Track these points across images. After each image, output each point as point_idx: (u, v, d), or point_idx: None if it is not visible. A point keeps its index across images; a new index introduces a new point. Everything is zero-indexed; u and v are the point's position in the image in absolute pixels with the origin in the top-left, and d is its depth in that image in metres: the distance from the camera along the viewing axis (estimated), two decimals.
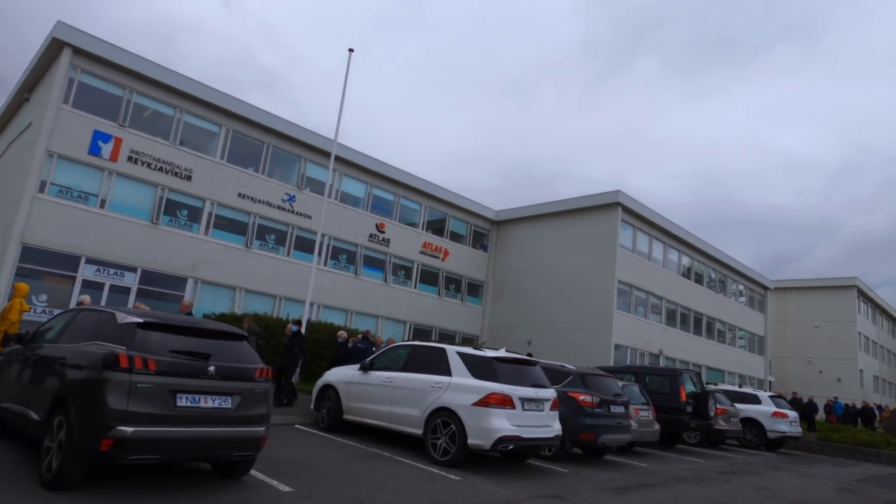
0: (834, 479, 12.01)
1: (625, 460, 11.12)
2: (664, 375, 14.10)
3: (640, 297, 27.64)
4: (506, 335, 28.24)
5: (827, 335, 43.24)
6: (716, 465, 12.10)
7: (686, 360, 30.33)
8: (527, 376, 8.59)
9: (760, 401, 16.99)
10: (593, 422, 9.65)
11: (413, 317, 26.42)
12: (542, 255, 28.32)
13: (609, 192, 26.23)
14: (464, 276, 29.14)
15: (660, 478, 9.44)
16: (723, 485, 9.48)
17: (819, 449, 18.78)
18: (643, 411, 12.15)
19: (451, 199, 28.43)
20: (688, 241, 30.84)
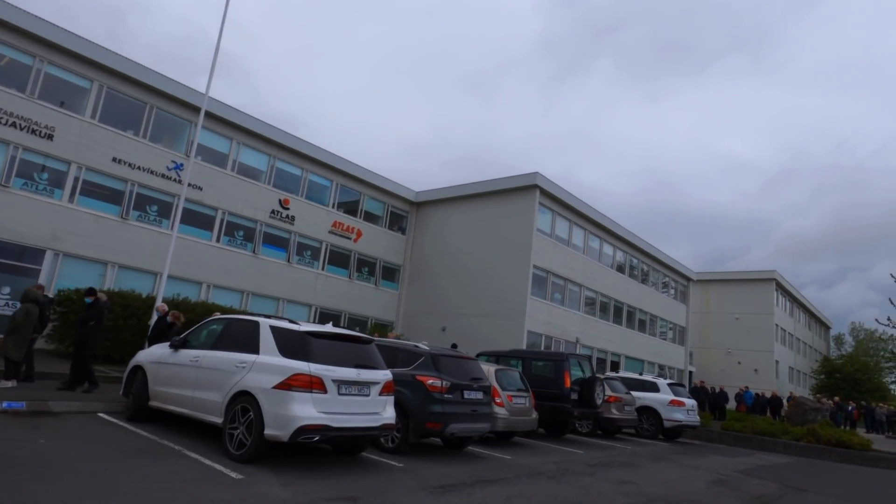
0: (716, 470, 11.32)
1: (490, 452, 10.04)
2: (550, 360, 13.14)
3: (558, 283, 26.94)
4: (422, 322, 27.11)
5: (746, 327, 44.15)
6: (593, 456, 11.21)
7: (605, 349, 29.98)
8: (351, 356, 7.29)
9: (659, 389, 16.37)
10: (441, 409, 8.46)
11: (320, 300, 24.85)
12: (460, 238, 27.22)
13: (527, 174, 25.33)
14: (379, 259, 27.72)
15: (512, 472, 8.36)
16: (582, 479, 8.49)
17: (719, 438, 18.44)
18: (519, 398, 11.11)
19: (367, 177, 26.92)
20: (610, 229, 30.40)
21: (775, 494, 9.30)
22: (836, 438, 17.16)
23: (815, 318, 58.86)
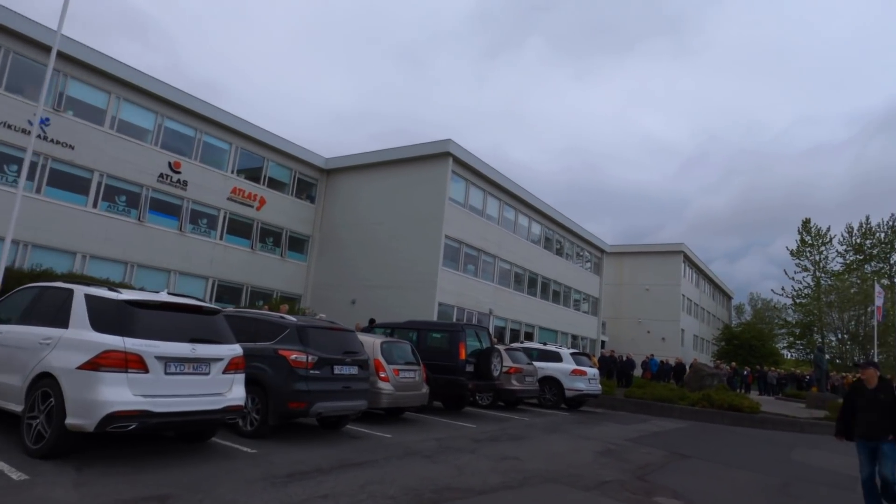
0: (608, 439, 11.14)
1: (371, 431, 9.29)
2: (445, 332, 12.53)
3: (472, 254, 26.49)
4: (332, 294, 26.00)
5: (655, 297, 45.87)
6: (484, 430, 10.73)
7: (519, 321, 30.03)
8: (187, 329, 6.25)
9: (562, 358, 16.24)
10: (306, 387, 7.58)
11: (218, 273, 23.17)
12: (371, 207, 26.13)
13: (439, 142, 24.48)
14: (285, 229, 26.21)
15: (385, 453, 7.64)
16: (461, 457, 7.90)
17: (621, 405, 18.68)
18: (407, 372, 10.40)
19: (271, 141, 25.19)
20: (526, 200, 30.20)
21: (659, 463, 9.13)
22: (729, 402, 17.74)
23: (718, 289, 62.27)
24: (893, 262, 51.32)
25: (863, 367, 6.80)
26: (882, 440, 6.38)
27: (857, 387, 6.88)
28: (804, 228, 53.78)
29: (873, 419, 6.49)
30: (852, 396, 6.87)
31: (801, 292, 53.01)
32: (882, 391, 6.57)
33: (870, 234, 51.85)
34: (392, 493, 5.74)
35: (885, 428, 6.38)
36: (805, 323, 52.62)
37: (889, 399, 6.47)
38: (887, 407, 6.42)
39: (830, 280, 51.57)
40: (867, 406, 6.58)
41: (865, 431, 6.55)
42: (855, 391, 6.87)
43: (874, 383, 6.66)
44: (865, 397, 6.63)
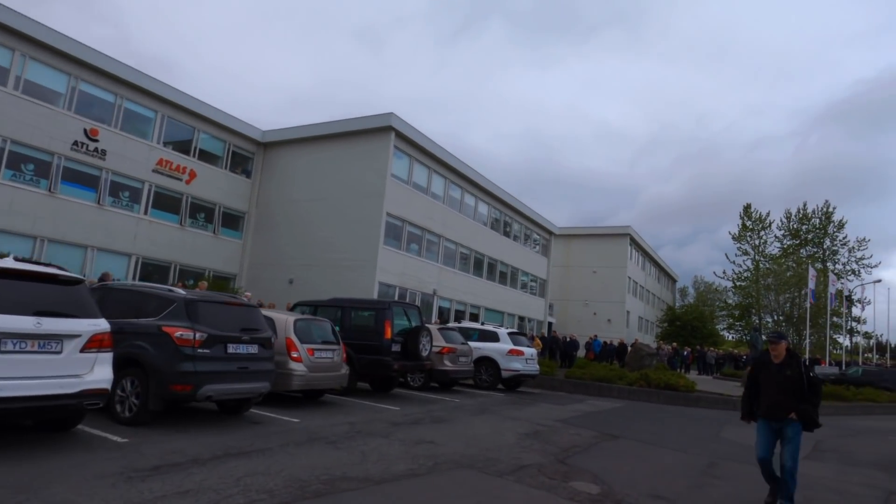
0: (538, 420, 10.73)
1: (278, 416, 8.54)
2: (370, 310, 11.81)
3: (415, 233, 25.78)
4: (269, 274, 24.88)
5: (602, 279, 46.36)
6: (407, 413, 10.13)
7: (464, 302, 29.59)
8: (33, 301, 5.33)
9: (499, 338, 15.79)
10: (192, 367, 6.76)
11: (142, 249, 21.71)
12: (311, 183, 25.03)
13: (381, 115, 23.54)
14: (218, 205, 24.83)
15: (283, 440, 6.94)
16: (371, 442, 7.26)
17: (560, 386, 18.47)
18: (324, 352, 9.66)
19: (202, 110, 23.69)
20: (473, 179, 29.61)
21: (586, 444, 8.74)
22: (665, 382, 17.74)
23: (664, 272, 63.66)
24: (826, 246, 53.46)
25: (774, 341, 5.93)
26: (785, 421, 5.68)
27: (762, 361, 6.02)
28: (745, 213, 55.26)
29: (778, 397, 5.73)
30: (757, 372, 6.04)
31: (741, 275, 54.62)
32: (788, 366, 5.76)
33: (806, 220, 53.78)
34: (271, 486, 5.03)
35: (790, 407, 5.64)
36: (744, 305, 54.31)
37: (795, 375, 5.69)
38: (793, 383, 5.67)
39: (768, 263, 53.31)
40: (772, 382, 5.81)
41: (768, 410, 5.80)
42: (760, 366, 6.02)
43: (782, 357, 5.86)
44: (771, 373, 5.84)
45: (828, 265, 49.17)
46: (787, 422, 5.69)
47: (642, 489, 6.34)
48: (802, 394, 5.64)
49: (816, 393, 5.69)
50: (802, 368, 5.70)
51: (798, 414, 5.61)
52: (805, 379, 5.67)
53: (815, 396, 5.69)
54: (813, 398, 5.67)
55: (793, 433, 5.64)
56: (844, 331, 48.87)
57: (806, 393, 5.64)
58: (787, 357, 5.84)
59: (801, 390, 5.64)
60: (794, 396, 5.66)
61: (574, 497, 5.73)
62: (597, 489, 6.13)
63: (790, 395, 5.72)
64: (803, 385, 5.65)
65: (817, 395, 5.71)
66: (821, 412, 18.71)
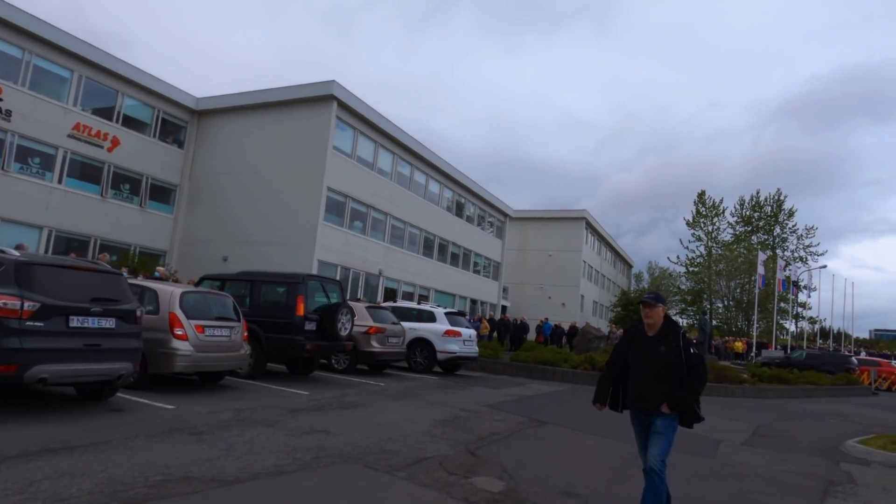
0: (463, 405, 9.83)
1: (150, 402, 7.39)
2: (282, 284, 10.66)
3: (360, 210, 24.56)
4: (202, 251, 23.29)
5: (557, 263, 45.99)
6: (315, 398, 9.08)
7: (413, 283, 28.58)
8: None
9: (436, 319, 14.84)
10: (18, 343, 5.54)
11: (56, 222, 19.89)
12: (248, 154, 23.48)
13: (322, 83, 22.13)
14: (146, 176, 23.05)
15: (133, 432, 5.83)
16: (247, 433, 6.21)
17: (503, 369, 17.68)
18: (218, 330, 8.51)
19: (127, 73, 21.81)
20: (424, 156, 28.46)
21: (508, 431, 7.87)
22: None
23: (619, 257, 63.97)
24: (776, 234, 54.44)
25: (649, 305, 4.32)
26: (656, 413, 4.21)
27: (633, 333, 4.49)
28: (700, 200, 55.72)
29: (648, 381, 4.25)
30: (625, 348, 4.46)
31: (693, 261, 55.23)
32: (664, 340, 4.24)
33: (758, 208, 54.59)
34: (71, 493, 3.94)
35: (663, 395, 4.18)
36: (696, 290, 54.99)
37: (673, 352, 4.19)
38: (669, 364, 4.18)
39: (721, 250, 53.99)
40: (643, 361, 4.29)
41: (637, 399, 4.33)
42: (630, 340, 4.46)
43: (657, 328, 4.32)
44: (642, 348, 4.32)
45: (777, 252, 50.02)
46: (659, 414, 4.22)
47: (555, 484, 5.47)
48: (680, 377, 4.16)
49: (699, 376, 4.19)
50: (681, 343, 4.20)
51: (671, 404, 4.15)
52: (684, 357, 4.15)
53: (696, 381, 4.18)
54: (693, 383, 4.17)
55: (663, 427, 4.22)
56: (791, 316, 49.98)
57: (685, 377, 4.15)
58: (663, 328, 4.31)
59: (680, 373, 4.16)
60: (670, 381, 4.17)
61: (468, 497, 4.81)
62: (500, 486, 5.23)
63: (665, 380, 4.19)
64: (682, 366, 4.15)
65: (700, 378, 4.20)
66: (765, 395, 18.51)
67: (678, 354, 4.16)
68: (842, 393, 20.77)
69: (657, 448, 4.21)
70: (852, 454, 8.59)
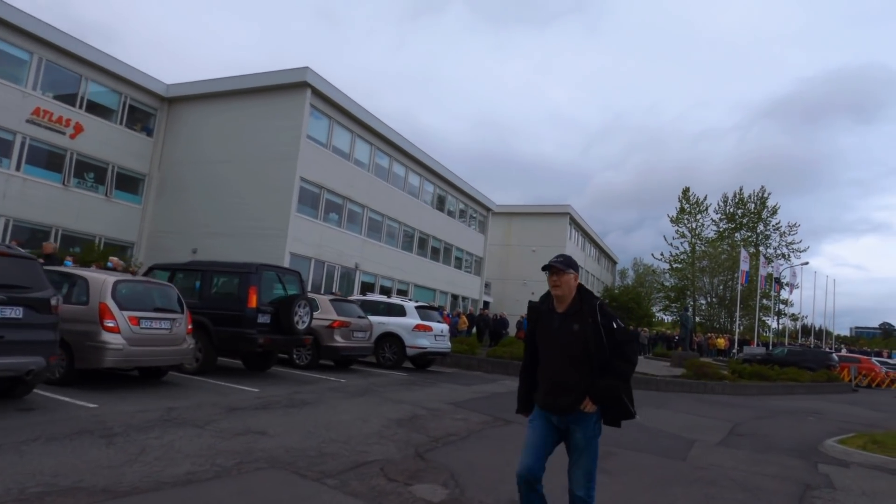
0: (425, 404, 9.29)
1: (71, 399, 6.76)
2: (234, 274, 10.01)
3: (335, 202, 23.89)
4: (171, 243, 22.49)
5: (541, 258, 45.18)
6: (265, 395, 8.48)
7: (391, 277, 27.97)
8: None
9: (406, 313, 14.26)
10: None
11: (14, 210, 19.02)
12: (219, 143, 22.70)
13: (295, 69, 21.40)
14: (112, 164, 22.20)
15: (31, 435, 5.22)
16: (169, 435, 5.63)
17: (478, 365, 17.17)
18: (157, 322, 7.88)
19: (91, 56, 20.92)
20: (403, 147, 27.81)
21: (467, 431, 7.34)
22: None
23: (604, 253, 63.75)
24: (760, 231, 54.50)
25: (557, 271, 3.25)
26: (573, 413, 3.19)
27: (539, 310, 3.44)
28: (684, 197, 55.65)
29: (559, 370, 3.24)
30: (534, 328, 3.46)
31: (677, 258, 55.16)
32: (577, 317, 3.20)
33: (742, 204, 54.59)
34: None
35: (579, 387, 3.16)
36: (680, 287, 54.94)
37: (590, 330, 3.15)
38: (585, 346, 3.15)
39: (704, 246, 53.95)
40: (553, 345, 3.28)
41: (547, 395, 3.30)
42: (537, 319, 3.43)
43: (568, 301, 3.26)
44: (551, 329, 3.30)
45: (760, 249, 50.03)
46: (579, 417, 3.19)
47: (504, 492, 4.93)
48: (603, 362, 3.14)
49: (627, 357, 3.22)
50: (600, 317, 3.15)
51: (594, 397, 3.14)
52: (605, 335, 3.13)
53: (625, 363, 3.21)
54: (621, 366, 3.19)
55: (586, 438, 3.23)
56: (773, 313, 50.06)
57: (609, 360, 3.15)
58: (576, 301, 3.25)
59: (602, 357, 3.14)
60: (589, 369, 3.16)
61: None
62: (442, 495, 4.69)
63: (582, 368, 3.16)
64: (602, 346, 3.13)
65: (629, 360, 3.23)
66: (745, 392, 18.07)
67: (597, 332, 3.13)
68: (822, 390, 20.54)
69: (582, 470, 3.24)
70: (831, 455, 8.18)
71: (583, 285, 3.37)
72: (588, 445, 3.28)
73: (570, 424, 3.27)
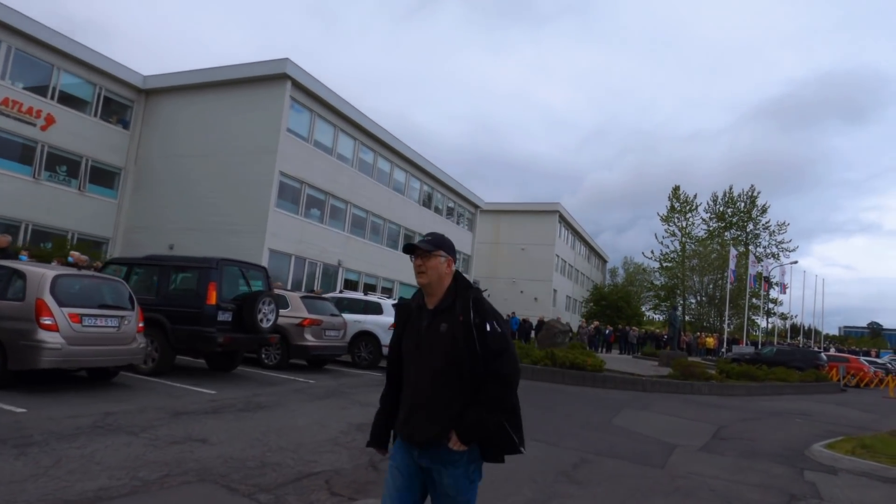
0: None
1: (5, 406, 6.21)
2: (193, 270, 9.47)
3: (317, 197, 23.36)
4: (148, 238, 21.88)
5: (530, 257, 45.19)
6: (219, 398, 7.96)
7: (375, 274, 27.48)
8: None
9: (382, 310, 13.77)
10: None
11: None
12: (197, 137, 22.12)
13: (275, 61, 20.85)
14: (86, 157, 21.57)
15: None
16: (94, 444, 5.13)
17: None
18: (102, 319, 7.35)
19: (62, 45, 20.27)
20: (388, 142, 27.30)
21: None
22: (571, 360, 16.24)
23: (594, 252, 63.50)
24: (749, 230, 54.36)
25: (423, 253, 2.39)
26: (437, 451, 2.29)
27: (409, 308, 2.52)
28: (674, 195, 55.42)
29: (420, 388, 2.35)
30: (401, 332, 2.53)
31: (667, 256, 54.95)
32: (447, 316, 2.34)
33: (731, 203, 54.43)
34: None
35: (444, 413, 2.28)
36: (670, 286, 54.74)
37: (460, 332, 2.29)
38: (455, 354, 2.29)
39: (694, 245, 53.75)
40: (414, 354, 2.40)
41: (404, 423, 2.39)
42: (406, 318, 2.51)
43: (440, 294, 2.39)
44: (418, 331, 2.42)
45: (750, 248, 49.87)
46: (444, 455, 2.29)
47: None
48: (479, 378, 2.28)
49: (502, 374, 2.27)
50: (472, 316, 2.29)
51: (462, 434, 2.24)
52: (478, 340, 2.26)
53: (498, 385, 2.26)
54: (494, 389, 2.26)
55: (455, 486, 2.30)
56: (762, 312, 49.93)
57: (483, 375, 2.28)
58: (450, 293, 2.39)
59: (476, 370, 2.28)
60: (460, 387, 2.29)
61: None
62: None
63: (450, 385, 2.30)
64: (476, 355, 2.27)
65: (504, 380, 2.27)
66: (732, 393, 17.56)
67: (468, 335, 2.25)
68: (810, 390, 20.23)
69: None
70: (818, 460, 7.76)
71: (461, 274, 2.47)
72: (458, 495, 2.31)
73: (434, 464, 2.30)
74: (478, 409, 2.26)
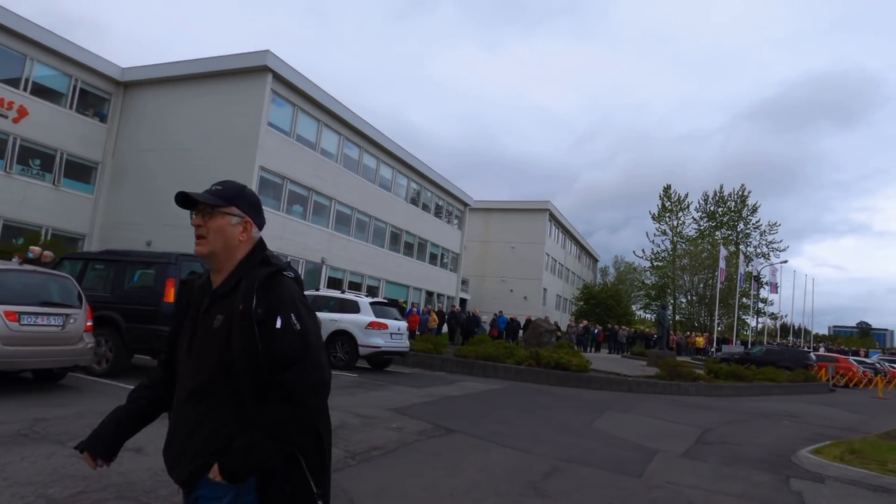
0: (360, 410, 8.38)
1: None
2: (150, 266, 8.98)
3: (299, 193, 22.84)
4: (127, 234, 21.30)
5: (520, 255, 44.81)
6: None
7: (360, 273, 26.98)
8: None
9: (359, 309, 13.32)
10: None
11: None
12: (178, 130, 21.55)
13: (256, 53, 20.32)
14: (61, 151, 20.96)
15: None
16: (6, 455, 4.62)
17: (441, 365, 16.29)
18: (42, 318, 6.85)
19: (36, 35, 19.65)
20: (374, 138, 26.80)
21: (397, 444, 6.43)
22: (555, 360, 15.86)
23: (585, 251, 63.22)
24: (740, 230, 54.25)
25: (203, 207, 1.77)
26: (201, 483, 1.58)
27: (192, 288, 1.83)
28: (665, 194, 55.25)
29: (184, 401, 1.68)
30: (181, 319, 1.81)
31: (658, 255, 54.75)
32: (224, 304, 1.66)
33: (722, 203, 54.28)
34: None
35: (207, 441, 1.59)
36: (660, 285, 54.56)
37: (240, 327, 1.58)
38: (229, 357, 1.59)
39: (685, 244, 53.58)
40: (187, 352, 1.71)
41: (164, 451, 1.75)
42: (188, 301, 1.80)
43: (227, 269, 1.73)
44: (195, 321, 1.73)
45: (740, 248, 49.73)
46: (209, 492, 1.56)
47: None
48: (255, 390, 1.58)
49: (296, 396, 1.55)
50: (254, 303, 1.59)
51: (224, 465, 1.53)
52: (260, 341, 1.57)
53: (292, 408, 1.55)
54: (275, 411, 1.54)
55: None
56: (752, 311, 49.79)
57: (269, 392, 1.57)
58: (240, 269, 1.72)
59: (254, 380, 1.58)
60: (237, 411, 1.60)
61: None
62: None
63: (221, 406, 1.60)
64: (255, 360, 1.57)
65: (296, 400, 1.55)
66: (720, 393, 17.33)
67: (247, 332, 1.59)
68: (799, 390, 19.96)
69: None
70: (805, 467, 7.38)
71: (264, 244, 1.81)
72: None
73: (196, 497, 1.62)
74: (252, 434, 1.54)
